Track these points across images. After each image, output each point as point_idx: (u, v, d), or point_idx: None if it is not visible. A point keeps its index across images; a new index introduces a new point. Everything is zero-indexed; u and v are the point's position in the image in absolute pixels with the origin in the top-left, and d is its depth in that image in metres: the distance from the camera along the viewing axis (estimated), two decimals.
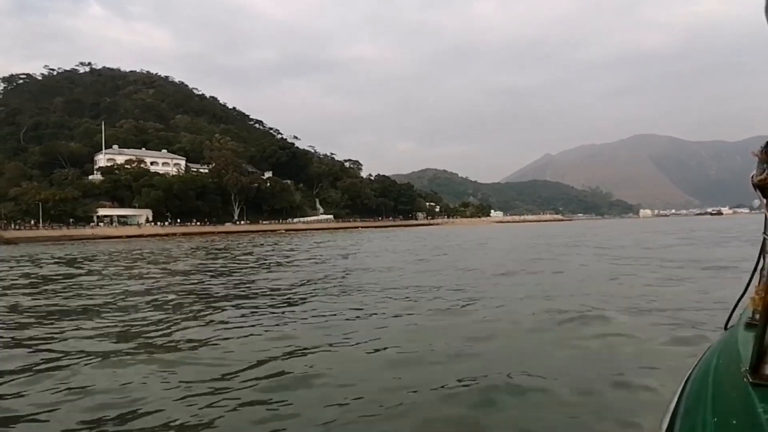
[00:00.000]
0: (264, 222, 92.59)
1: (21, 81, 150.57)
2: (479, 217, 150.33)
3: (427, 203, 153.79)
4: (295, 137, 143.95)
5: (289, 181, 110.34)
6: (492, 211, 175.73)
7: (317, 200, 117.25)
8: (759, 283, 1.35)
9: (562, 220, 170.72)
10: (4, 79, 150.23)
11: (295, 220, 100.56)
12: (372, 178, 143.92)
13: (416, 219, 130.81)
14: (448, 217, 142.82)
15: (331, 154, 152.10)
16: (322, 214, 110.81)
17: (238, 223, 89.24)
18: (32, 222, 62.99)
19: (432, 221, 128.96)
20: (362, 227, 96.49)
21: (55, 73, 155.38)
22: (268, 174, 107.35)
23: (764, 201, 1.21)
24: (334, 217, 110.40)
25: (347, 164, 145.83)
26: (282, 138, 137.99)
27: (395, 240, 36.28)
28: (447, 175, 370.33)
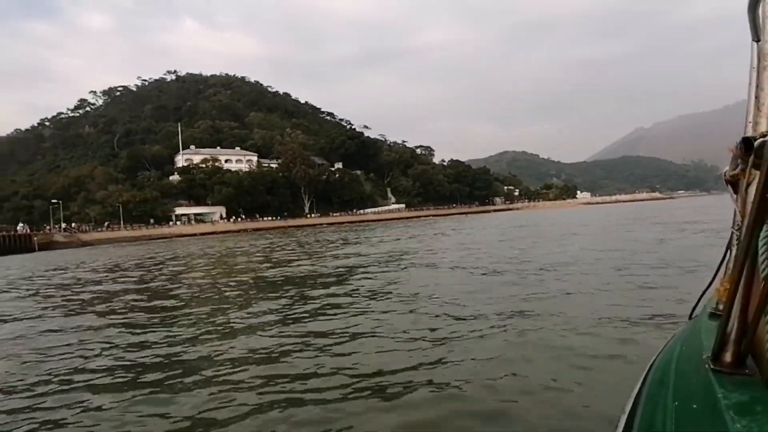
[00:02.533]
0: (334, 214, 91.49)
1: (118, 93, 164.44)
2: (564, 199, 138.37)
3: (505, 187, 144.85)
4: (365, 126, 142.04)
5: (358, 172, 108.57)
6: (578, 192, 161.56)
7: (388, 189, 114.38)
8: (724, 275, 1.40)
9: (662, 198, 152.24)
10: (104, 92, 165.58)
11: (366, 210, 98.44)
12: (445, 163, 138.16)
13: (493, 204, 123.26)
14: (529, 201, 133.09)
15: (403, 141, 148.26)
16: (393, 203, 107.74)
17: (308, 216, 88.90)
18: (104, 223, 66.31)
19: (510, 206, 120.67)
20: (433, 216, 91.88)
21: (147, 83, 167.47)
22: (338, 165, 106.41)
23: (734, 197, 1.25)
24: (406, 205, 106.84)
25: (419, 151, 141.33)
26: (352, 128, 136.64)
27: (470, 230, 31.61)
28: (527, 157, 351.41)
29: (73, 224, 63.85)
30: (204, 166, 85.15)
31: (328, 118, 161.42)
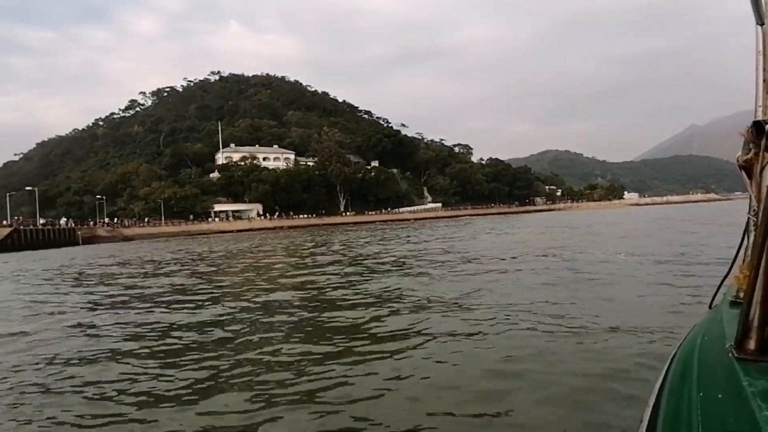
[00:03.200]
0: (369, 212, 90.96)
1: (165, 93, 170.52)
2: (609, 199, 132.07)
3: (547, 187, 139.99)
4: (403, 125, 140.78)
5: (394, 170, 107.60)
6: (625, 192, 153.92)
7: (425, 188, 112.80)
8: (743, 262, 1.39)
9: (718, 199, 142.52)
10: (152, 93, 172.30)
11: (401, 209, 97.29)
12: (483, 162, 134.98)
13: (534, 204, 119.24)
14: (572, 201, 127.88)
15: (440, 140, 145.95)
16: (429, 202, 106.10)
17: (343, 214, 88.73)
18: (147, 219, 68.25)
19: (552, 206, 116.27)
20: (470, 215, 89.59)
21: (192, 83, 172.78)
22: (374, 163, 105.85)
23: (748, 182, 1.25)
24: (443, 205, 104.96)
25: (456, 149, 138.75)
26: (388, 126, 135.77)
27: (511, 230, 29.96)
28: (570, 156, 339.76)
29: (115, 220, 66.17)
30: (242, 163, 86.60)
31: (365, 116, 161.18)
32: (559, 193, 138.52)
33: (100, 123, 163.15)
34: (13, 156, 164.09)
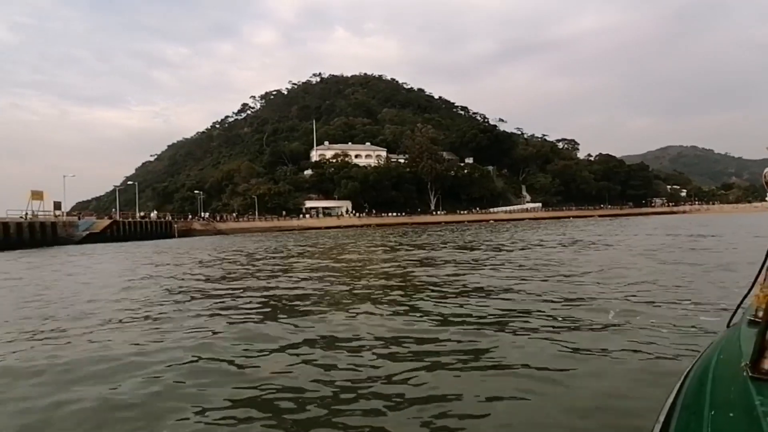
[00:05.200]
0: (462, 212, 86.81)
1: (272, 96, 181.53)
2: (749, 201, 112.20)
3: (669, 186, 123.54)
4: (501, 119, 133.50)
5: (490, 167, 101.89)
6: None
7: (523, 186, 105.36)
8: (764, 282, 1.39)
9: None
10: (261, 96, 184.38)
11: (496, 209, 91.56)
12: (592, 158, 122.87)
13: (651, 206, 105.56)
14: (700, 203, 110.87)
15: (542, 135, 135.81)
16: (528, 201, 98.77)
17: (434, 213, 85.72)
18: (244, 214, 71.18)
19: (674, 208, 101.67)
20: (574, 216, 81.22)
21: (295, 86, 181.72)
22: (468, 160, 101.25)
23: None
24: (543, 205, 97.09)
25: (560, 145, 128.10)
26: (485, 122, 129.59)
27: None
28: (697, 152, 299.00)
29: (210, 214, 70.32)
30: (334, 161, 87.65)
31: (461, 112, 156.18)
32: (683, 194, 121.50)
33: (216, 125, 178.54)
34: (149, 157, 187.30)
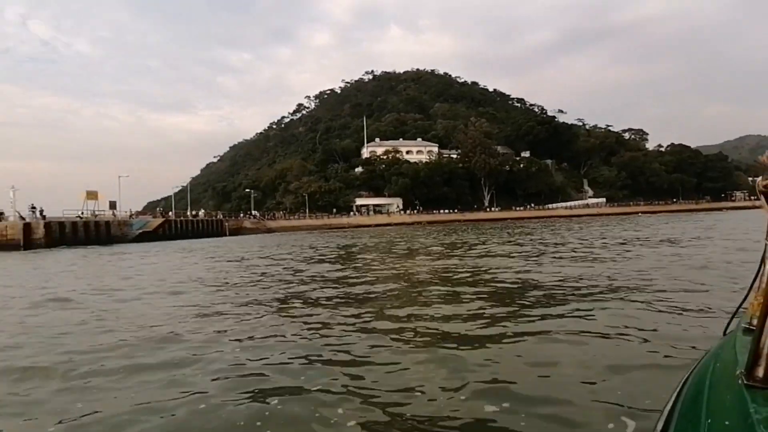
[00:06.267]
0: (517, 208, 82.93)
1: (326, 96, 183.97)
2: None
3: (750, 178, 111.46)
4: (560, 110, 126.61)
5: (548, 161, 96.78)
6: None
7: (585, 181, 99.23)
8: (759, 289, 1.40)
9: None
10: (315, 96, 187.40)
11: (556, 205, 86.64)
12: (662, 149, 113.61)
13: (732, 199, 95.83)
14: None
15: (606, 126, 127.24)
16: (590, 196, 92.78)
17: (488, 209, 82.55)
18: (296, 212, 71.71)
19: (757, 202, 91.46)
20: (643, 212, 75.04)
21: (348, 84, 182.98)
22: (524, 154, 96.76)
23: (767, 207, 1.24)
24: (607, 200, 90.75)
25: (626, 135, 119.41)
26: (543, 113, 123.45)
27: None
28: None
29: (261, 212, 71.47)
30: (385, 157, 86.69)
31: (517, 105, 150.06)
32: None
33: (273, 126, 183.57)
34: (212, 158, 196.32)
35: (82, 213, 35.08)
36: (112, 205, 40.31)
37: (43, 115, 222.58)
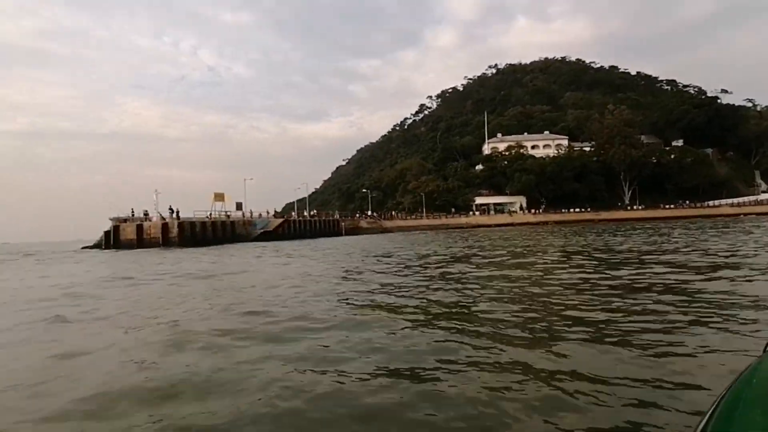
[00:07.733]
0: (666, 206, 71.55)
1: (448, 94, 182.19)
2: None
3: None
4: (723, 90, 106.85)
5: (708, 150, 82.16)
6: None
7: (757, 173, 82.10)
8: None
9: None
10: (437, 96, 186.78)
11: (719, 202, 72.87)
12: None
13: None
14: None
15: None
16: (763, 191, 76.34)
17: (628, 207, 72.75)
18: (414, 212, 70.87)
19: None
20: None
21: (471, 81, 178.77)
22: (676, 143, 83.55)
23: None
24: None
25: None
26: (700, 95, 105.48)
27: None
28: None
29: (379, 212, 72.13)
30: (507, 153, 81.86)
31: (667, 87, 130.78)
32: None
33: (396, 128, 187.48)
34: (342, 161, 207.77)
35: (210, 214, 38.88)
36: (239, 206, 44.12)
37: (210, 130, 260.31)
